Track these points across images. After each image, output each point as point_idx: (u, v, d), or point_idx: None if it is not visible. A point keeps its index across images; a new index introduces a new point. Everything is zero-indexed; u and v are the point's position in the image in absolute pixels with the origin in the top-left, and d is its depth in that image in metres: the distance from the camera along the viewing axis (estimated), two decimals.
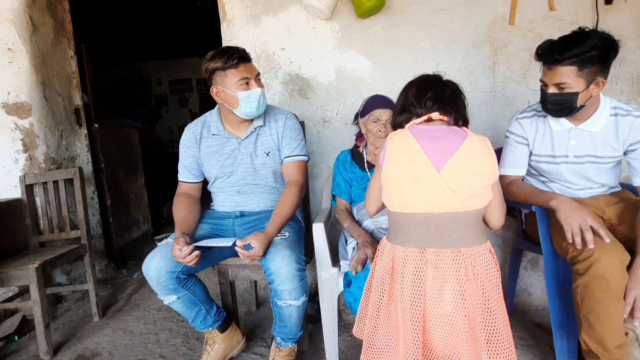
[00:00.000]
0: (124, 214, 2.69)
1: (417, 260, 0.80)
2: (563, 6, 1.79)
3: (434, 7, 1.83)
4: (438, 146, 0.82)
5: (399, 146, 0.85)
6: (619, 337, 1.06)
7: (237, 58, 1.26)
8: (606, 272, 1.00)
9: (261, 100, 1.32)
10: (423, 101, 0.89)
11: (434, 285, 0.78)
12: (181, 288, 1.30)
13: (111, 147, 2.60)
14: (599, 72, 1.10)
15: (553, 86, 1.14)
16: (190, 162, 1.44)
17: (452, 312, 0.77)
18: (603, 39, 1.07)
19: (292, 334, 1.33)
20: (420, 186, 0.81)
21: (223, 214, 1.48)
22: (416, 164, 0.81)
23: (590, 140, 1.22)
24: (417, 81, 0.95)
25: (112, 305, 2.09)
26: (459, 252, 0.79)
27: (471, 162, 0.81)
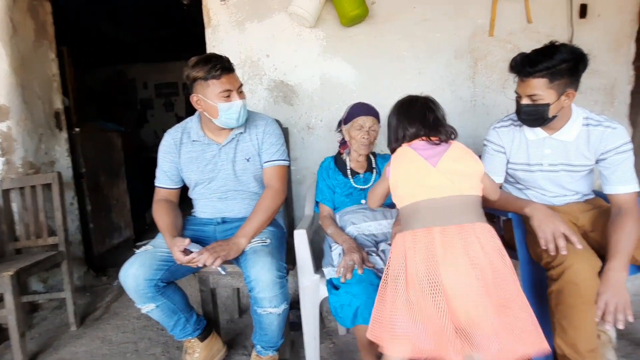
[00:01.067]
0: (104, 219, 2.64)
1: (425, 237, 0.90)
2: (540, 19, 1.85)
3: (417, 18, 1.87)
4: (430, 152, 1.01)
5: (401, 158, 1.05)
6: (591, 342, 1.09)
7: (220, 69, 1.25)
8: (578, 278, 1.03)
9: (242, 112, 1.32)
10: (413, 135, 1.06)
11: (445, 253, 0.86)
12: (160, 296, 1.28)
13: (92, 152, 2.55)
14: (569, 84, 1.14)
15: (526, 97, 1.18)
16: (170, 167, 1.42)
17: (466, 279, 0.84)
18: (572, 53, 1.12)
19: (272, 342, 1.32)
20: (422, 179, 0.96)
21: (205, 221, 1.46)
22: (416, 165, 0.99)
23: (564, 149, 1.26)
24: (403, 113, 1.09)
25: (91, 314, 2.03)
26: (462, 227, 0.89)
27: (459, 162, 0.97)
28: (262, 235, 1.34)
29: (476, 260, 0.85)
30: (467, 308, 0.84)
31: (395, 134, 1.10)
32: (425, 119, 1.05)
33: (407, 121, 1.07)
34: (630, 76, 1.92)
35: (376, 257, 1.29)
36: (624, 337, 1.53)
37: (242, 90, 1.34)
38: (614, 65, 1.89)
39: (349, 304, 1.16)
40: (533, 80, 1.14)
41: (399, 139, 1.09)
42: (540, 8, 1.84)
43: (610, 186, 1.20)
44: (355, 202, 1.48)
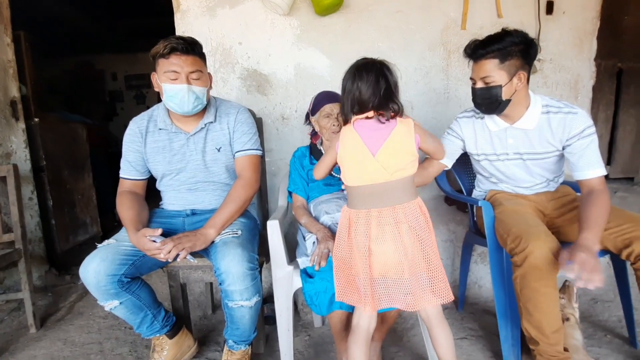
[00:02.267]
0: (68, 215, 2.49)
1: (365, 217, 1.07)
2: (510, 14, 1.90)
3: (391, 9, 1.87)
4: (373, 136, 1.07)
5: (346, 138, 1.11)
6: (556, 323, 1.13)
7: (170, 48, 1.19)
8: (540, 263, 1.06)
9: (186, 98, 1.24)
10: (363, 106, 1.08)
11: (378, 232, 1.05)
12: (124, 292, 1.21)
13: (54, 144, 2.40)
14: (520, 66, 1.19)
15: (480, 81, 1.22)
16: (135, 157, 1.35)
17: (393, 249, 1.04)
18: (521, 37, 1.18)
19: (244, 336, 1.29)
20: (362, 167, 1.07)
21: (173, 213, 1.40)
22: (358, 151, 1.08)
23: (526, 137, 1.29)
24: (358, 78, 1.08)
25: (52, 315, 1.92)
26: (394, 209, 1.05)
27: (397, 147, 1.06)
28: (233, 226, 1.30)
29: (403, 234, 1.04)
30: (386, 267, 1.05)
31: (348, 102, 1.11)
32: (377, 89, 1.06)
33: (358, 89, 1.07)
34: (592, 72, 2.01)
35: None
36: (586, 319, 1.61)
37: (198, 77, 1.25)
38: (578, 61, 1.97)
39: (325, 290, 1.16)
40: (485, 62, 1.19)
41: (350, 108, 1.11)
42: (509, 3, 1.89)
43: (579, 172, 1.22)
44: (335, 191, 1.47)
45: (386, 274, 1.06)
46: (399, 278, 1.04)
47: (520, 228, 1.13)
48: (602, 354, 1.38)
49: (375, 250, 1.05)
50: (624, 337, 1.47)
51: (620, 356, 1.37)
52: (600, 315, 1.64)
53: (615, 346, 1.43)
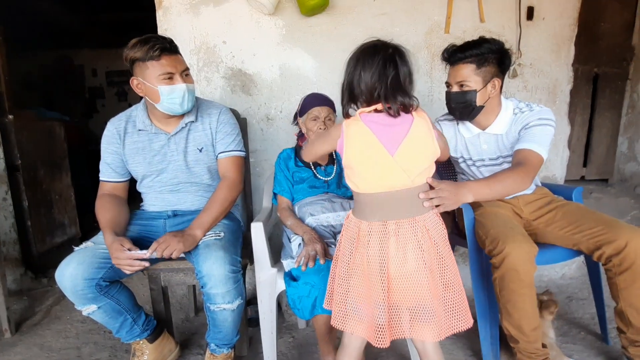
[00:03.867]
0: (45, 216, 2.41)
1: (380, 232, 0.91)
2: (492, 19, 1.93)
3: (376, 11, 1.88)
4: (389, 132, 0.90)
5: (356, 135, 0.92)
6: (534, 321, 1.17)
7: (159, 49, 1.17)
8: (517, 265, 1.09)
9: (186, 97, 1.24)
10: (367, 96, 0.91)
11: (398, 250, 0.89)
12: (102, 296, 1.18)
13: (30, 142, 2.31)
14: (495, 73, 1.23)
15: (455, 85, 1.25)
16: (114, 159, 1.32)
17: (415, 270, 0.89)
18: (497, 45, 1.22)
19: (227, 339, 1.27)
20: (378, 170, 0.91)
21: (154, 214, 1.38)
22: (372, 150, 0.90)
23: (499, 142, 1.32)
24: (361, 63, 0.90)
25: (28, 319, 1.85)
26: (415, 221, 0.91)
27: (418, 145, 0.92)
28: (216, 228, 1.28)
29: (426, 252, 0.90)
30: (410, 295, 0.90)
31: (350, 90, 0.93)
32: (383, 76, 0.88)
33: (362, 76, 0.89)
34: (569, 77, 2.07)
35: (334, 247, 1.29)
36: (561, 317, 1.66)
37: (188, 74, 1.27)
38: (556, 66, 2.03)
39: (308, 294, 1.16)
40: (462, 66, 1.22)
41: (353, 97, 0.93)
42: (492, 8, 1.92)
43: (519, 144, 1.22)
44: (319, 194, 1.47)
45: (408, 301, 0.90)
46: (423, 305, 0.89)
47: (499, 230, 1.16)
48: (576, 350, 1.43)
49: (394, 274, 0.89)
50: (597, 334, 1.53)
51: (592, 352, 1.42)
52: (575, 312, 1.70)
53: (589, 343, 1.48)
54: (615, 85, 2.73)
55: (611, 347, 1.43)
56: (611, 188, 2.78)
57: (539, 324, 1.19)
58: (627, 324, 1.18)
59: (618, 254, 1.12)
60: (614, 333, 1.34)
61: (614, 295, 1.19)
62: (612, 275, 1.16)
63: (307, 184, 1.47)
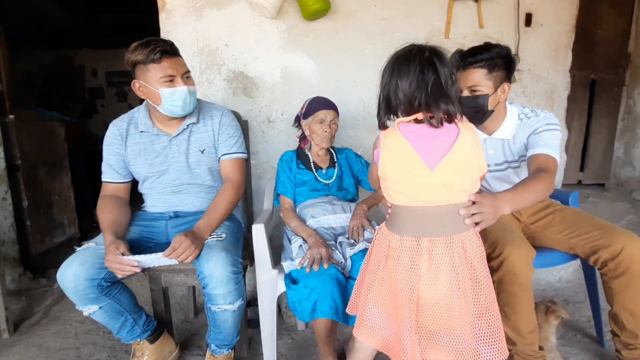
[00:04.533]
0: (44, 216, 2.41)
1: (412, 248, 0.85)
2: (491, 25, 1.96)
3: (377, 16, 1.90)
4: (430, 145, 0.84)
5: (392, 146, 0.87)
6: (531, 324, 1.18)
7: (160, 52, 1.18)
8: (515, 268, 1.10)
9: (188, 99, 1.25)
10: (406, 106, 0.85)
11: (430, 271, 0.83)
12: (104, 297, 1.19)
13: (30, 142, 2.31)
14: (504, 77, 1.24)
15: (466, 89, 1.24)
16: (116, 160, 1.33)
17: (448, 294, 0.82)
18: (504, 49, 1.22)
19: (227, 340, 1.28)
20: (416, 183, 0.85)
21: (155, 215, 1.38)
22: (410, 163, 0.84)
23: (505, 147, 1.33)
24: (397, 71, 0.85)
25: (26, 320, 1.85)
26: (452, 240, 0.84)
27: (464, 160, 0.84)
28: (217, 229, 1.29)
29: (460, 275, 0.83)
30: (440, 322, 0.84)
31: (387, 100, 0.87)
32: (423, 82, 0.82)
33: (399, 85, 0.83)
34: (567, 82, 2.10)
35: (336, 250, 1.30)
36: None
37: (189, 76, 1.28)
38: (554, 71, 2.06)
39: (308, 297, 1.17)
40: (473, 71, 1.21)
41: (390, 108, 0.87)
42: (491, 14, 1.95)
43: (533, 149, 1.22)
44: (320, 196, 1.48)
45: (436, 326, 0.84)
46: (452, 331, 0.83)
47: (497, 234, 1.18)
48: (572, 353, 1.45)
49: (424, 296, 0.83)
50: (592, 336, 1.54)
51: (588, 355, 1.44)
52: (571, 315, 1.72)
53: (585, 345, 1.50)
54: (612, 91, 2.76)
55: (606, 350, 1.45)
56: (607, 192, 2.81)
57: (536, 327, 1.20)
58: (621, 328, 1.20)
59: (613, 258, 1.14)
60: (609, 336, 1.35)
61: (609, 299, 1.21)
62: (608, 279, 1.18)
63: (308, 187, 1.48)
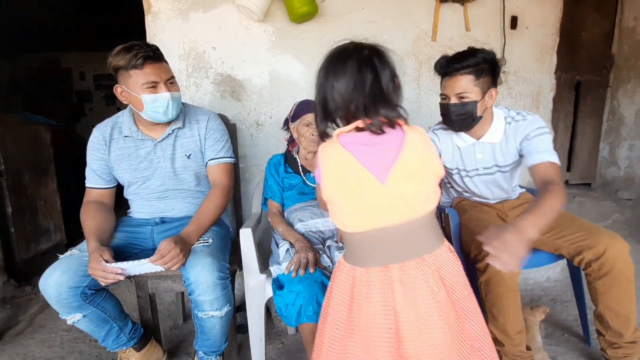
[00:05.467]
0: (29, 223, 2.36)
1: (382, 280, 0.73)
2: (477, 28, 1.98)
3: (364, 19, 1.91)
4: (375, 155, 0.73)
5: (333, 162, 0.75)
6: (518, 325, 1.19)
7: (142, 58, 1.16)
8: None
9: (170, 106, 1.23)
10: (345, 107, 0.75)
11: (406, 301, 0.71)
12: (88, 305, 1.17)
13: (14, 147, 2.26)
14: (490, 83, 1.23)
15: (454, 97, 1.23)
16: (99, 165, 1.31)
17: (430, 324, 0.71)
18: (489, 54, 1.21)
19: (215, 346, 1.27)
20: (367, 202, 0.73)
21: (141, 221, 1.37)
22: (356, 179, 0.72)
23: (493, 151, 1.34)
24: (332, 72, 0.76)
25: (11, 328, 1.81)
26: (423, 261, 0.73)
27: (416, 166, 0.74)
28: (204, 235, 1.28)
29: (439, 296, 0.73)
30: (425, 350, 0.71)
31: (322, 104, 0.77)
32: (360, 85, 0.73)
33: (335, 86, 0.74)
34: (552, 84, 2.13)
35: (324, 255, 1.29)
36: (545, 319, 1.69)
37: (173, 82, 1.26)
38: (539, 74, 2.09)
39: (293, 302, 1.16)
40: (460, 77, 1.20)
41: (328, 113, 0.77)
42: (477, 17, 1.97)
43: (531, 157, 1.21)
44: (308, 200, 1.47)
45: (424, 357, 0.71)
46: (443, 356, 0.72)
47: None
48: (559, 352, 1.46)
49: (406, 328, 0.71)
50: (579, 335, 1.56)
51: (575, 353, 1.46)
52: (559, 314, 1.74)
53: (572, 344, 1.52)
54: (597, 92, 2.81)
55: (592, 349, 1.47)
56: (594, 192, 2.86)
57: (523, 327, 1.22)
58: (606, 327, 1.22)
59: (597, 259, 1.16)
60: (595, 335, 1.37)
61: (594, 299, 1.23)
62: (592, 279, 1.20)
63: (296, 191, 1.48)
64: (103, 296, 1.22)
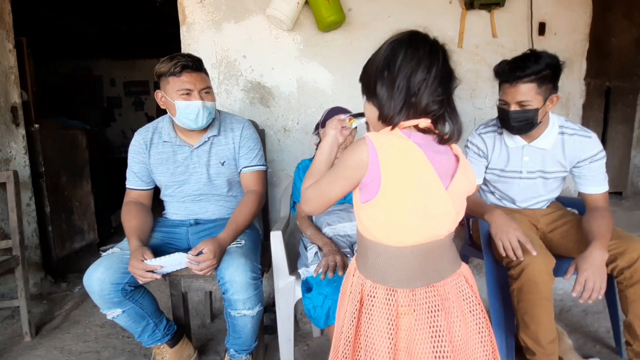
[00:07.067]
0: (65, 222, 2.48)
1: (428, 300, 0.66)
2: (504, 34, 1.98)
3: (391, 27, 1.89)
4: (442, 162, 0.66)
5: (400, 156, 0.64)
6: (551, 334, 1.18)
7: (181, 66, 1.23)
8: (535, 277, 1.10)
9: (201, 114, 1.28)
10: (423, 108, 0.65)
11: (450, 320, 0.67)
12: (127, 301, 1.22)
13: (53, 150, 2.40)
14: (552, 89, 1.19)
15: (515, 104, 1.19)
16: (140, 168, 1.38)
17: (472, 339, 0.68)
18: (553, 59, 1.16)
19: (246, 345, 1.30)
20: (430, 213, 0.65)
21: (176, 222, 1.42)
22: (428, 185, 0.64)
23: (541, 156, 1.32)
24: (414, 61, 0.66)
25: (48, 323, 1.90)
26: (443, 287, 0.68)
27: (466, 183, 0.70)
28: None
29: (475, 309, 0.70)
30: None
31: (390, 96, 0.66)
32: (448, 86, 0.66)
33: (414, 74, 0.64)
34: (582, 91, 2.09)
35: (351, 258, 1.31)
36: (577, 330, 1.65)
37: (209, 92, 1.31)
38: (568, 80, 2.06)
39: (322, 304, 1.18)
40: (522, 86, 1.15)
41: (408, 103, 0.65)
42: (504, 24, 1.97)
43: (586, 187, 1.29)
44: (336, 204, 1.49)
45: None
46: None
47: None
48: None
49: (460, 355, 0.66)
50: (611, 347, 1.52)
51: None
52: (591, 326, 1.69)
53: (604, 356, 1.47)
54: (627, 99, 2.74)
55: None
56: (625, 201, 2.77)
57: (555, 337, 1.19)
58: (634, 337, 1.19)
59: (630, 266, 1.14)
60: None
61: (624, 308, 1.21)
62: (623, 287, 1.18)
63: None
64: (141, 293, 1.28)
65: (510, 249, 1.12)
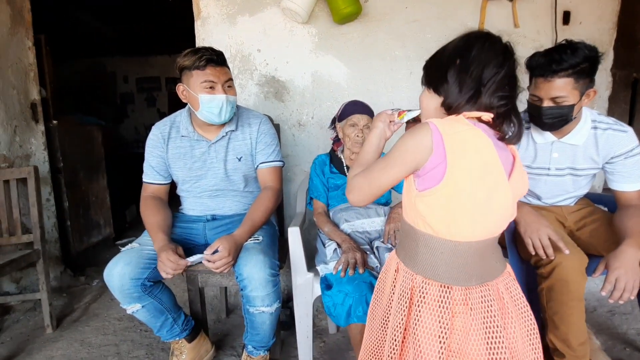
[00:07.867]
0: (83, 217, 2.52)
1: (482, 299, 0.66)
2: (526, 24, 1.90)
3: (407, 18, 1.88)
4: (502, 158, 0.65)
5: (470, 143, 0.63)
6: (581, 335, 1.13)
7: (205, 60, 1.22)
8: (567, 276, 1.06)
9: (225, 108, 1.27)
10: (497, 96, 0.65)
11: (505, 319, 0.66)
12: (146, 296, 1.23)
13: (71, 146, 2.43)
14: (589, 83, 1.10)
15: (548, 100, 1.11)
16: (158, 162, 1.37)
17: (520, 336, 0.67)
18: (592, 51, 1.06)
19: (264, 341, 1.29)
20: (497, 206, 0.65)
21: (194, 218, 1.42)
22: (495, 177, 0.63)
23: (572, 153, 1.25)
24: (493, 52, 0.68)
25: (68, 316, 1.93)
26: (496, 286, 0.67)
27: (521, 181, 0.71)
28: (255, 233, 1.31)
29: (522, 308, 0.70)
30: None
31: (461, 83, 0.66)
32: (516, 85, 0.68)
33: (493, 72, 0.65)
34: (608, 82, 2.01)
35: (371, 255, 1.29)
36: (604, 331, 1.59)
37: (231, 85, 1.30)
38: None
39: (342, 302, 1.16)
40: (558, 80, 1.06)
41: (477, 92, 0.66)
42: (526, 13, 1.89)
43: (619, 184, 1.23)
44: None
45: None
46: None
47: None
48: None
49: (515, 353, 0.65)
50: None
51: None
52: (619, 327, 1.63)
53: (634, 359, 1.42)
54: None
55: None
56: None
57: (586, 339, 1.14)
58: None
59: None
60: None
61: None
62: None
63: (341, 191, 1.48)
64: (160, 288, 1.28)
65: (540, 247, 1.08)
